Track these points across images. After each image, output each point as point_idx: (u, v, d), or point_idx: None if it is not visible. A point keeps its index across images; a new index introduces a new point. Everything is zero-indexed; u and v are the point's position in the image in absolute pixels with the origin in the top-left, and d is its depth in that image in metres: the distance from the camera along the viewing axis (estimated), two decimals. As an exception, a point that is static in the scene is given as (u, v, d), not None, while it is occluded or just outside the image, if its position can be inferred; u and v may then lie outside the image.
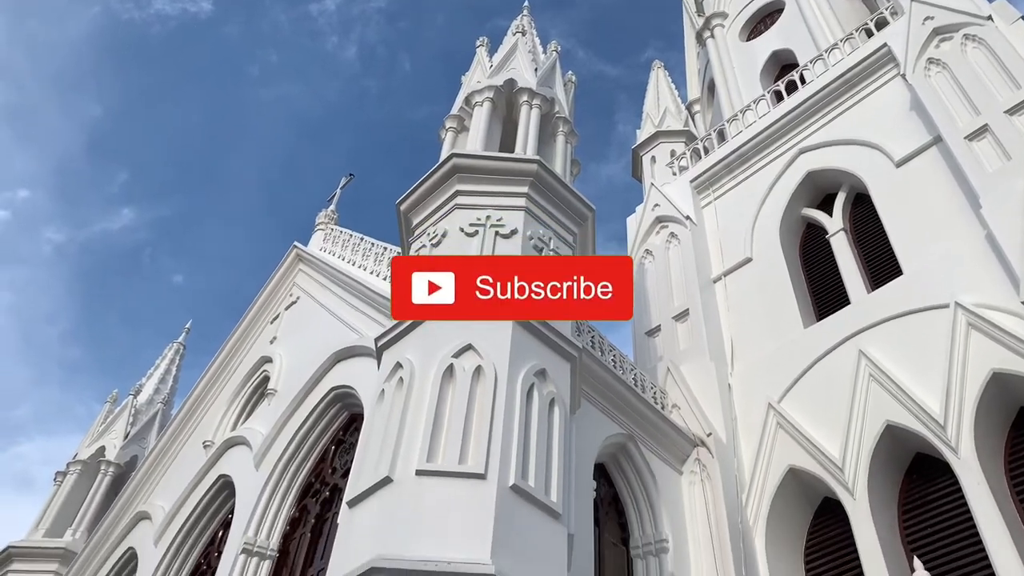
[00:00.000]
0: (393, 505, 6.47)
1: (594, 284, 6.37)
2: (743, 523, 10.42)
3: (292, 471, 11.89)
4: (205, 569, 12.67)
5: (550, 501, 6.85)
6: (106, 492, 16.98)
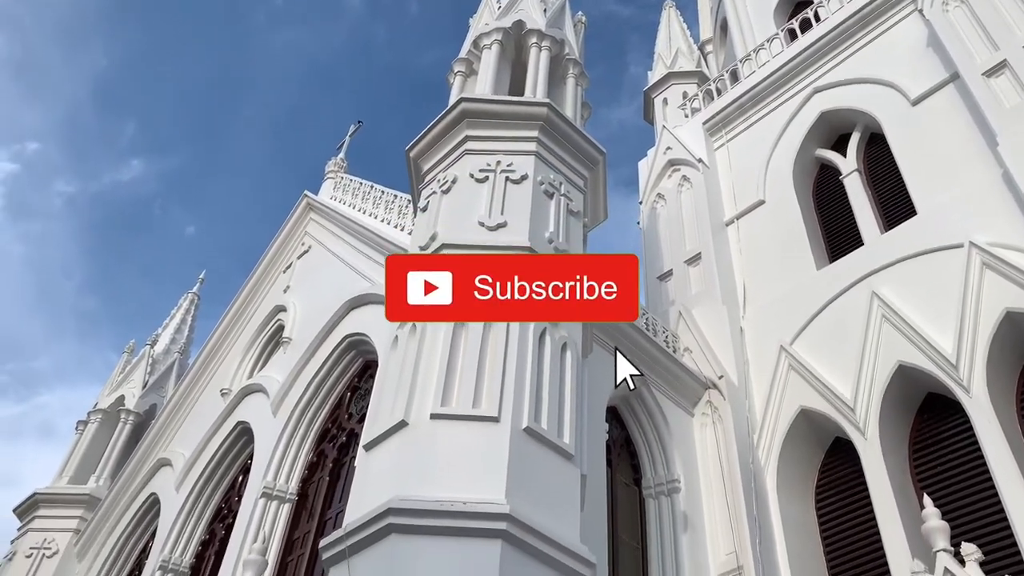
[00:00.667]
0: (409, 448, 6.57)
1: (598, 284, 6.17)
2: (754, 463, 10.53)
3: (309, 417, 12.06)
4: (226, 513, 12.96)
5: (563, 443, 6.94)
6: (127, 440, 17.30)
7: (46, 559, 15.28)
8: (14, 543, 15.99)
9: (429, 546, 5.82)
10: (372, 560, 5.91)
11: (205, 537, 13.04)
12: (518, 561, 5.86)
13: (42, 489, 16.31)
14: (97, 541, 15.42)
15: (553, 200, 9.03)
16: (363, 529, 6.05)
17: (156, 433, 15.99)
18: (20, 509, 16.40)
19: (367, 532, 6.00)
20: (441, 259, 7.61)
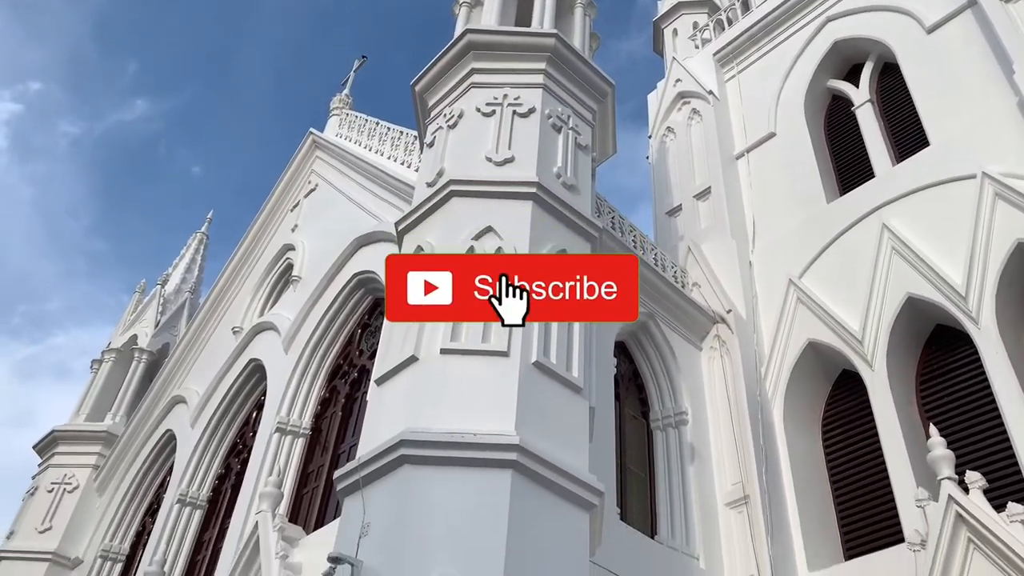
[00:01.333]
0: (420, 382, 6.65)
1: (598, 284, 6.13)
2: (761, 396, 10.63)
3: (320, 354, 12.19)
4: (241, 448, 13.20)
5: (571, 376, 7.01)
6: (141, 378, 17.55)
7: (67, 494, 15.66)
8: (35, 479, 16.37)
9: (441, 476, 5.93)
10: (385, 490, 6.04)
11: (221, 471, 13.31)
12: (528, 490, 5.98)
13: (60, 427, 16.63)
14: (116, 476, 15.76)
15: (561, 134, 8.95)
16: (376, 460, 6.16)
17: (170, 371, 16.20)
18: (40, 446, 16.74)
19: (380, 463, 6.12)
20: (440, 259, 7.33)
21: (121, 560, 14.67)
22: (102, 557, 14.60)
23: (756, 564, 8.97)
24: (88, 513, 15.50)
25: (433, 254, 7.47)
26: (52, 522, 15.24)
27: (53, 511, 15.40)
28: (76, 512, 15.38)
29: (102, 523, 15.15)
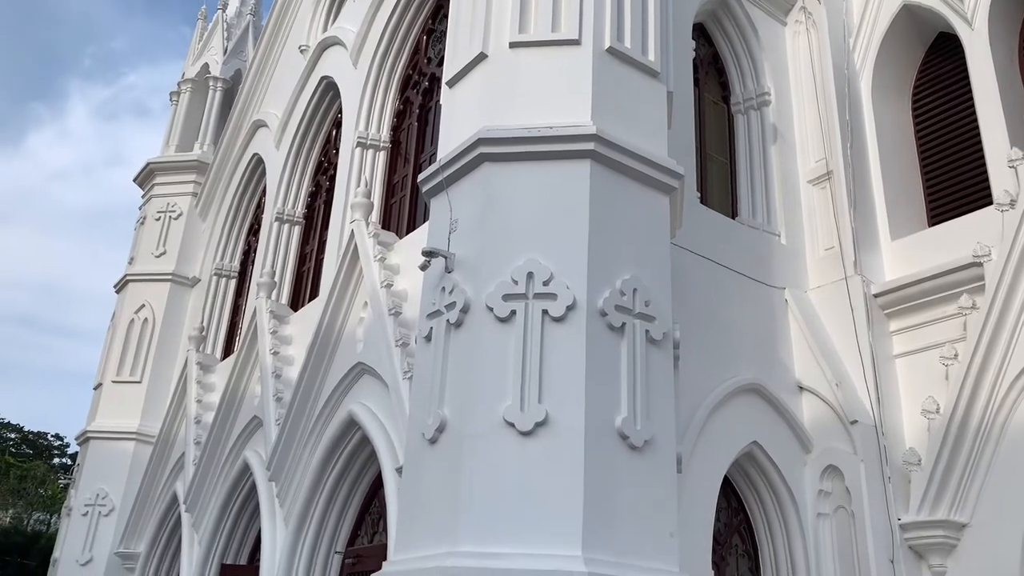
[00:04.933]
0: (491, 79, 6.53)
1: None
2: (849, 68, 10.12)
3: (389, 65, 12.04)
4: (327, 166, 13.59)
5: (648, 60, 6.76)
6: (220, 106, 17.86)
7: (173, 221, 16.72)
8: (141, 209, 17.45)
9: (520, 171, 6.02)
10: (468, 188, 6.19)
11: (312, 189, 13.85)
12: (607, 177, 6.04)
13: (154, 159, 17.36)
14: (214, 201, 16.63)
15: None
16: (456, 161, 6.27)
17: (246, 96, 16.38)
18: (139, 179, 17.63)
19: (460, 163, 6.22)
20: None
21: (234, 276, 15.91)
22: (216, 275, 15.85)
23: (838, 237, 9.09)
24: (196, 237, 16.62)
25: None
26: (165, 247, 16.45)
27: (164, 237, 16.56)
28: (185, 236, 16.52)
29: (210, 245, 16.26)
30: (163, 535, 13.40)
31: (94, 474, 14.69)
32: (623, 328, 5.72)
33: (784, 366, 8.68)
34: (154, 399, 15.19)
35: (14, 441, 46.85)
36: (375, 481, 9.22)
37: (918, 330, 8.64)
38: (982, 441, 7.73)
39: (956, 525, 7.66)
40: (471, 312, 5.70)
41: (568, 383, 5.41)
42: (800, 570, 7.99)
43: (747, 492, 8.39)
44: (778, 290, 9.00)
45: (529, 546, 4.95)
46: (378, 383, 8.83)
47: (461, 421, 5.44)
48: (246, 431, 11.48)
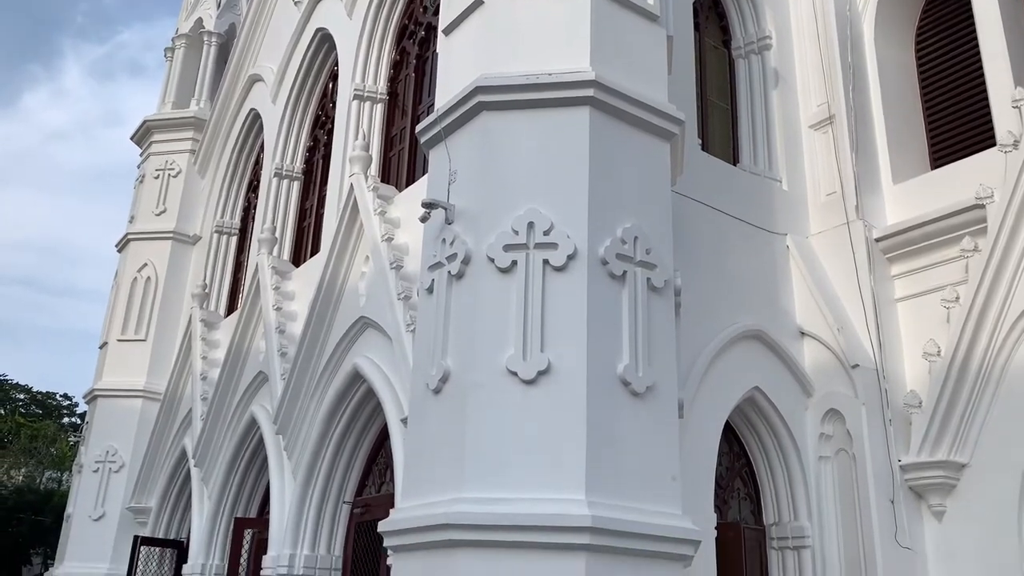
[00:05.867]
0: (488, 26, 6.43)
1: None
2: (851, 10, 9.96)
3: (384, 15, 11.87)
4: (324, 119, 13.48)
5: (647, 4, 6.64)
6: (216, 61, 17.68)
7: (172, 179, 16.65)
8: (140, 167, 17.36)
9: (519, 119, 5.96)
10: (466, 138, 6.15)
11: (310, 144, 13.76)
12: (607, 124, 5.98)
13: (151, 116, 17.22)
14: (212, 158, 16.54)
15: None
16: (454, 111, 6.21)
17: (241, 51, 16.19)
18: (136, 137, 17.51)
19: (458, 113, 6.16)
20: None
21: (235, 234, 15.89)
22: (217, 232, 15.84)
23: (840, 181, 9.04)
24: (195, 194, 16.57)
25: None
26: (165, 205, 16.41)
27: (164, 195, 16.50)
28: (184, 194, 16.47)
29: (210, 202, 16.21)
30: (173, 490, 13.59)
31: (103, 431, 14.85)
32: (624, 276, 5.73)
33: (785, 312, 8.70)
34: (159, 357, 15.29)
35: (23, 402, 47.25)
36: (381, 432, 9.33)
37: (920, 274, 8.64)
38: (982, 383, 7.78)
39: (956, 465, 7.75)
40: (472, 263, 5.70)
41: (570, 332, 5.43)
42: (801, 512, 8.11)
43: (749, 437, 8.48)
44: (779, 236, 8.98)
45: (533, 491, 5.02)
46: (381, 336, 8.87)
47: (464, 371, 5.48)
48: (252, 386, 11.58)
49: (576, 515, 4.88)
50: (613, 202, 5.87)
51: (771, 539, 8.26)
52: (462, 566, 4.93)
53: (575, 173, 5.76)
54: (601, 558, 4.90)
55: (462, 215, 5.90)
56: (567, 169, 5.81)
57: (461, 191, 5.99)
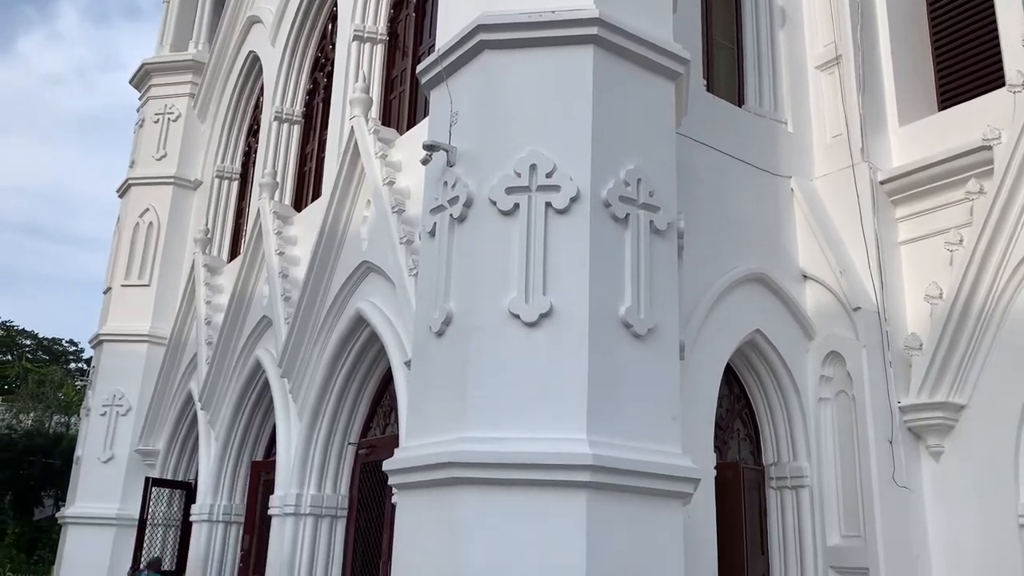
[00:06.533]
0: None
1: None
2: (861, -54, 9.72)
3: (383, -43, 11.64)
4: (324, 62, 13.31)
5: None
6: (213, 3, 17.44)
7: (171, 123, 16.51)
8: (139, 111, 17.19)
9: (522, 58, 5.88)
10: (468, 79, 6.07)
11: (309, 87, 13.61)
12: (611, 64, 5.90)
13: (149, 59, 17.00)
14: (212, 102, 16.37)
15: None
16: (455, 50, 6.12)
17: (239, -10, 15.90)
18: (135, 80, 17.32)
19: (460, 52, 6.08)
20: None
21: (236, 178, 15.82)
22: (218, 177, 15.77)
23: (846, 123, 8.94)
24: (195, 139, 16.44)
25: None
26: (166, 149, 16.30)
27: (164, 140, 16.38)
28: (184, 139, 16.34)
29: (210, 147, 16.11)
30: (180, 432, 13.77)
31: (109, 376, 14.99)
32: (627, 219, 5.71)
33: (788, 255, 8.69)
34: (163, 302, 15.34)
35: (30, 347, 47.62)
36: (385, 375, 9.41)
37: (924, 216, 8.60)
38: (983, 325, 7.80)
39: (954, 407, 7.82)
40: (474, 206, 5.68)
41: (572, 274, 5.44)
42: (800, 452, 8.21)
43: (749, 379, 8.54)
44: (784, 179, 8.92)
45: (535, 431, 5.09)
46: (384, 281, 8.89)
47: (467, 314, 5.51)
48: (256, 330, 11.65)
49: (577, 453, 4.95)
50: (616, 143, 5.82)
51: (770, 479, 8.37)
52: (465, 503, 5.02)
53: (578, 113, 5.70)
54: (602, 495, 4.98)
55: (464, 157, 5.86)
56: (570, 109, 5.75)
57: (463, 133, 5.94)
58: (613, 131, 5.82)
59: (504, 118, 5.77)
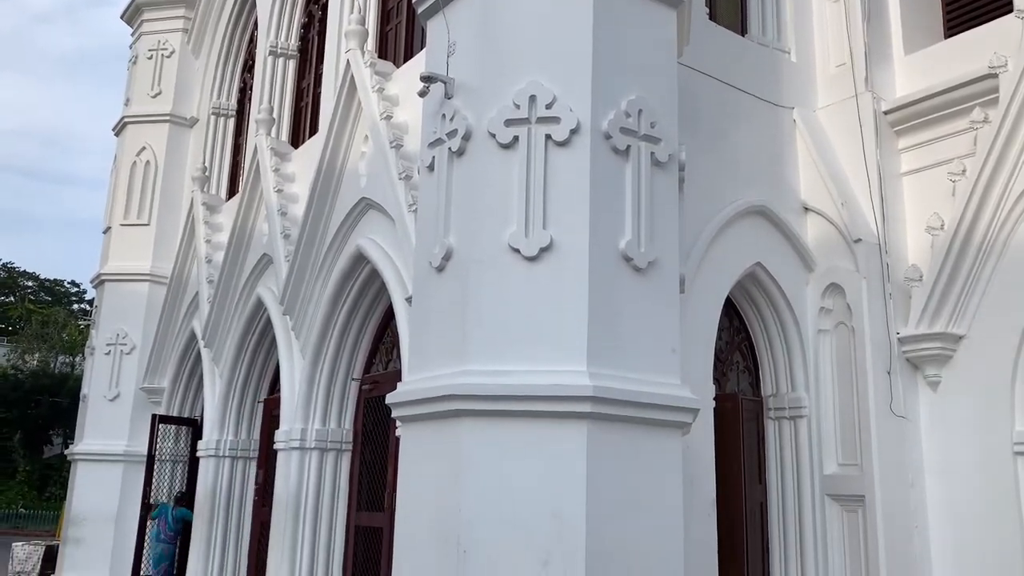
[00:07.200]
0: None
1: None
2: None
3: None
4: (318, -6, 13.03)
5: None
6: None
7: (165, 59, 16.25)
8: (132, 48, 16.91)
9: (520, -13, 5.76)
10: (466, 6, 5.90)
11: (304, 20, 13.33)
12: (611, -9, 5.77)
13: (140, -7, 16.65)
14: (206, 37, 16.09)
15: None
16: (452, -21, 5.98)
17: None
18: (127, 15, 16.99)
19: (456, -19, 5.94)
20: None
21: (232, 115, 15.64)
22: (214, 114, 15.58)
23: (850, 52, 8.78)
24: (190, 75, 16.20)
25: None
26: (160, 87, 16.08)
27: (158, 77, 16.15)
28: (179, 75, 16.10)
29: (205, 83, 15.88)
30: (185, 370, 13.90)
31: (112, 315, 15.07)
32: (628, 151, 5.65)
33: (790, 187, 8.63)
34: (163, 241, 15.33)
35: (32, 289, 47.81)
36: (387, 312, 9.44)
37: (927, 147, 8.52)
38: (984, 256, 7.80)
39: (953, 337, 7.86)
40: (473, 139, 5.62)
41: (572, 208, 5.40)
42: (799, 383, 8.29)
43: (749, 311, 8.58)
44: (787, 110, 8.81)
45: (536, 364, 5.12)
46: (384, 217, 8.86)
47: (467, 248, 5.49)
48: (257, 268, 11.66)
49: (578, 385, 4.99)
50: (617, 74, 5.72)
51: (768, 410, 8.48)
52: (467, 434, 5.09)
53: (578, 43, 5.60)
54: (602, 426, 5.05)
55: (462, 89, 5.78)
56: (570, 39, 5.64)
57: (460, 64, 5.84)
58: (614, 61, 5.73)
59: (502, 48, 5.67)
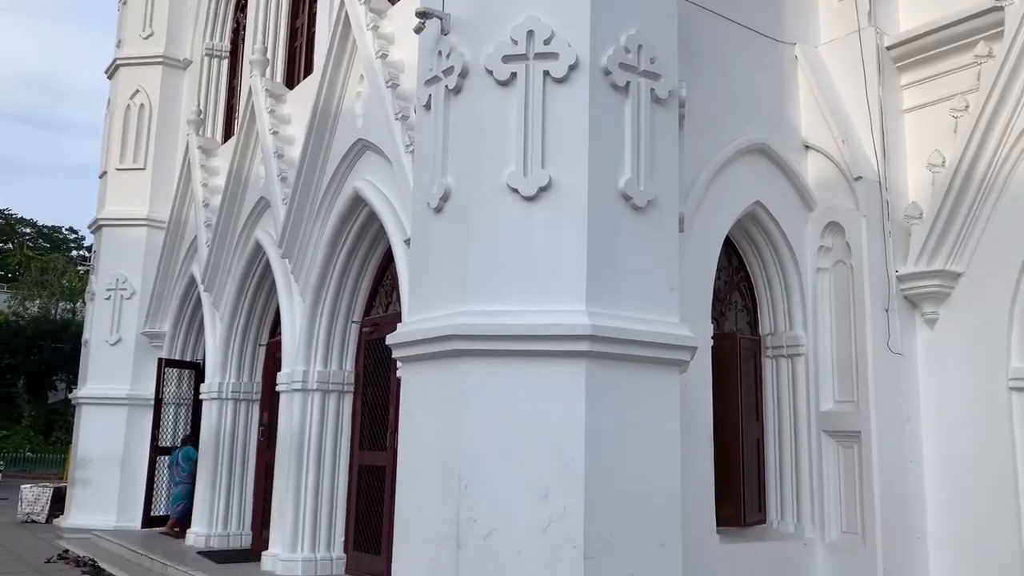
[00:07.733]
0: None
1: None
2: None
3: None
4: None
5: None
6: None
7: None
8: (122, -13, 16.54)
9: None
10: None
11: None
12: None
13: (126, -69, 16.23)
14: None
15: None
16: (447, -88, 5.83)
17: None
18: (114, -46, 16.57)
19: (451, -86, 5.79)
20: None
21: (226, 56, 15.41)
22: (208, 55, 15.36)
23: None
24: (183, 16, 15.93)
25: None
26: (152, 28, 15.83)
27: (150, 17, 15.89)
28: (171, 15, 15.84)
29: (198, 24, 15.61)
30: (185, 314, 13.95)
31: (111, 260, 15.08)
32: (627, 87, 5.59)
33: (791, 125, 8.54)
34: (160, 185, 15.25)
35: (30, 236, 47.67)
36: (386, 255, 9.44)
37: (930, 83, 8.41)
38: (984, 193, 7.75)
39: (951, 275, 7.87)
40: (470, 76, 5.55)
41: (571, 146, 5.37)
42: (797, 322, 8.32)
43: (748, 251, 8.57)
44: (788, 46, 8.67)
45: (535, 303, 5.14)
46: (381, 159, 8.79)
47: (465, 189, 5.47)
48: (255, 212, 11.61)
49: (577, 324, 5.02)
50: (616, 8, 5.63)
51: (766, 348, 8.53)
52: (467, 373, 5.13)
53: (576, -25, 5.49)
54: (601, 364, 5.09)
55: (458, 25, 5.68)
56: (567, -29, 5.53)
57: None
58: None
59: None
